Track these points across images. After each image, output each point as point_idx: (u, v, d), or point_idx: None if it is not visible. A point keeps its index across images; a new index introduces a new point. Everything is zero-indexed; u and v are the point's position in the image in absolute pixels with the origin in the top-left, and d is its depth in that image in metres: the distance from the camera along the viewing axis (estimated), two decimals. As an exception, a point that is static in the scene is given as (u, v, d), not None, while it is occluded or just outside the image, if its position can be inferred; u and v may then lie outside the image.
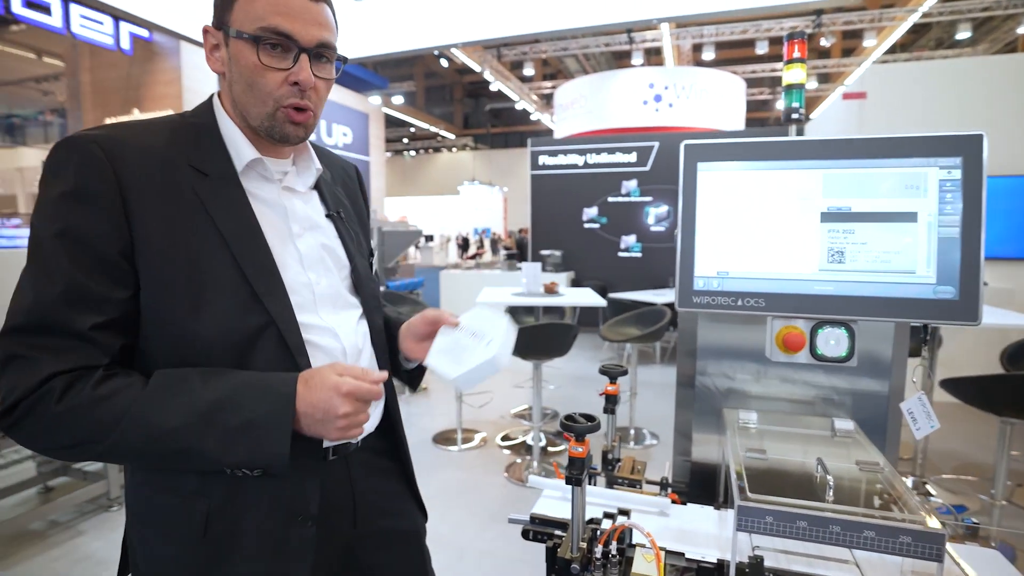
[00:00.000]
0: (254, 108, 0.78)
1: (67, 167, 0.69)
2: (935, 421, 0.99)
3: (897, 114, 4.29)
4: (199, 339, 0.72)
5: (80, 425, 0.66)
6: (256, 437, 0.69)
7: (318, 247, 0.87)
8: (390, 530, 0.98)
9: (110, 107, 9.05)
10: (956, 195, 0.93)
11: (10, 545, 2.41)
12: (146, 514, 0.79)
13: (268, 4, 0.74)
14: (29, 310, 0.67)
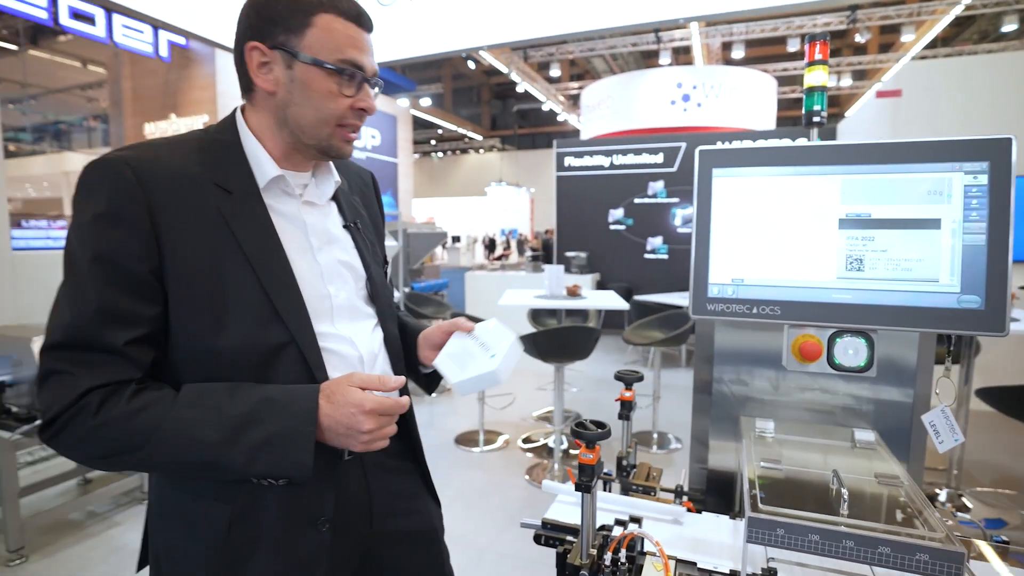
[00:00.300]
0: (313, 128, 0.83)
1: (100, 189, 0.73)
2: (959, 435, 0.96)
3: (934, 112, 4.15)
4: (222, 354, 0.75)
5: (115, 437, 0.70)
6: (280, 450, 0.72)
7: (336, 260, 0.90)
8: (407, 530, 0.99)
9: (149, 112, 9.36)
10: (983, 201, 0.89)
11: (51, 533, 2.52)
12: (170, 514, 0.82)
13: (346, 38, 0.80)
14: (67, 327, 0.70)
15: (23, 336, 2.32)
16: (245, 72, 0.83)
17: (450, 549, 1.12)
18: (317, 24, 0.79)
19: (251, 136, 0.84)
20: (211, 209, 0.77)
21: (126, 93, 9.72)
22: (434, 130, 21.87)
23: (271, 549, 0.80)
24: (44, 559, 2.33)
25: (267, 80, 0.81)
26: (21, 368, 2.34)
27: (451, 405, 4.55)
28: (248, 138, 0.84)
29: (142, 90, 9.51)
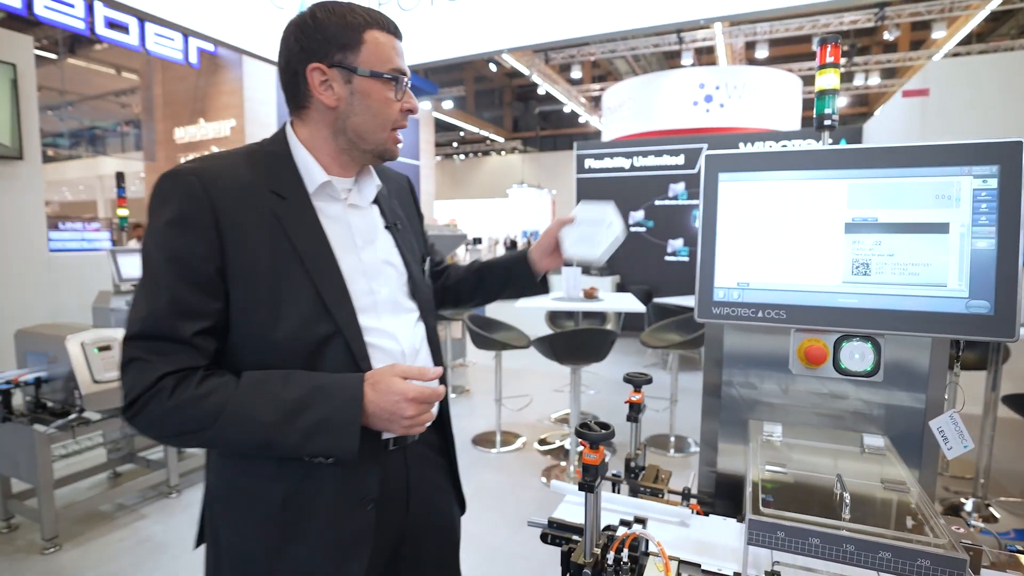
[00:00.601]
0: (373, 134, 0.91)
1: (172, 198, 0.81)
2: (969, 441, 0.95)
3: (962, 112, 4.05)
4: (277, 343, 0.83)
5: (186, 418, 0.78)
6: (329, 433, 0.79)
7: (379, 258, 0.97)
8: (434, 523, 1.06)
9: (179, 117, 9.62)
10: (992, 205, 0.89)
11: (83, 524, 2.62)
12: (228, 493, 0.90)
13: (392, 50, 0.90)
14: (144, 320, 0.79)
15: (58, 335, 2.42)
16: (299, 91, 0.90)
17: (466, 549, 1.18)
18: (368, 40, 0.87)
19: (301, 147, 0.92)
20: (267, 213, 0.85)
21: (157, 99, 10.01)
22: (456, 132, 22.00)
23: (322, 526, 0.86)
24: (76, 548, 2.43)
25: (329, 96, 0.88)
26: (56, 365, 2.44)
27: (469, 406, 4.58)
28: (298, 149, 0.92)
29: (172, 95, 9.78)
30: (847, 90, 15.76)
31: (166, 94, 9.88)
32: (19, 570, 2.27)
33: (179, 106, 9.68)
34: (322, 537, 0.87)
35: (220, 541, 0.91)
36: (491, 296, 1.29)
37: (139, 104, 11.54)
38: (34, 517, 2.44)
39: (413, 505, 1.00)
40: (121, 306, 3.06)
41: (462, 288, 1.26)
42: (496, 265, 1.23)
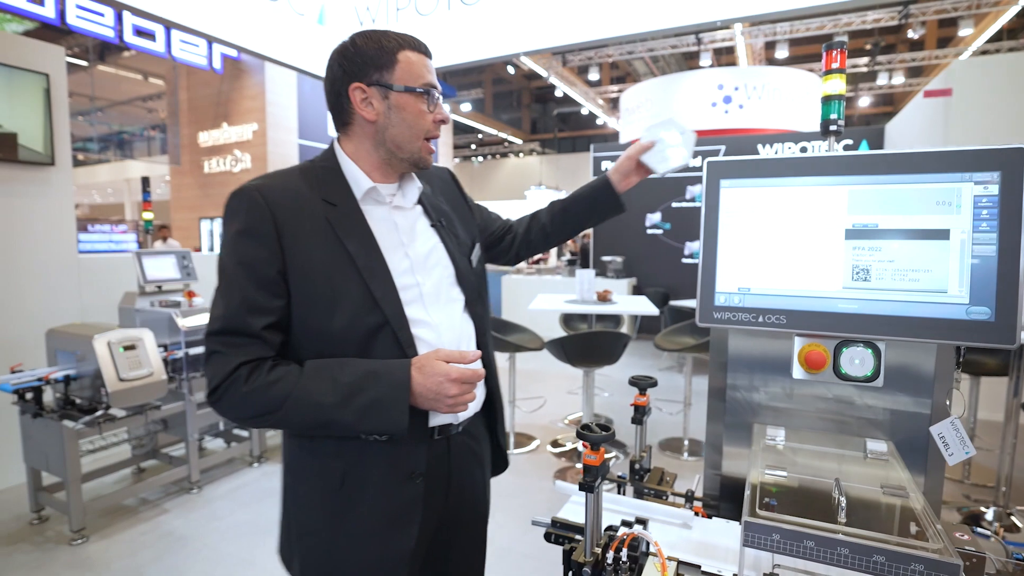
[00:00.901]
0: (408, 143, 1.01)
1: (240, 212, 0.94)
2: (970, 447, 0.95)
3: (986, 112, 3.96)
4: (332, 335, 0.94)
5: (258, 402, 0.90)
6: (381, 412, 0.91)
7: (423, 253, 1.06)
8: (471, 515, 1.18)
9: (203, 122, 9.85)
10: (993, 211, 0.89)
11: (108, 517, 2.71)
12: (297, 469, 1.03)
13: (423, 66, 1.01)
14: (221, 318, 0.92)
15: (86, 334, 2.51)
16: (344, 109, 1.01)
17: None
18: (401, 60, 0.98)
19: (348, 159, 1.03)
20: (321, 219, 0.96)
21: (182, 104, 10.25)
22: (474, 134, 22.10)
23: (376, 497, 0.98)
24: (102, 540, 2.51)
25: (369, 111, 0.99)
26: (84, 363, 2.53)
27: (484, 407, 4.62)
28: (345, 161, 1.03)
29: (197, 100, 10.01)
30: (870, 89, 15.47)
31: (191, 99, 10.11)
32: (49, 560, 2.36)
33: (203, 111, 9.91)
34: (376, 508, 0.98)
35: (291, 512, 1.04)
36: (577, 229, 1.35)
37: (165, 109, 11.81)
38: (63, 509, 2.54)
39: (452, 492, 1.10)
40: (146, 307, 3.15)
41: (548, 230, 1.33)
42: (579, 198, 1.30)
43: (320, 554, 1.00)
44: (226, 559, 2.37)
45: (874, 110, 17.37)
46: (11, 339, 3.03)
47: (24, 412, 2.54)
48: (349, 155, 1.03)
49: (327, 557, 1.00)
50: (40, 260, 3.17)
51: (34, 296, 3.14)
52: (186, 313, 3.04)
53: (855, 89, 15.48)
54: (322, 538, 1.00)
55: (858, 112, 17.57)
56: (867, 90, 15.56)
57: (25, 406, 2.52)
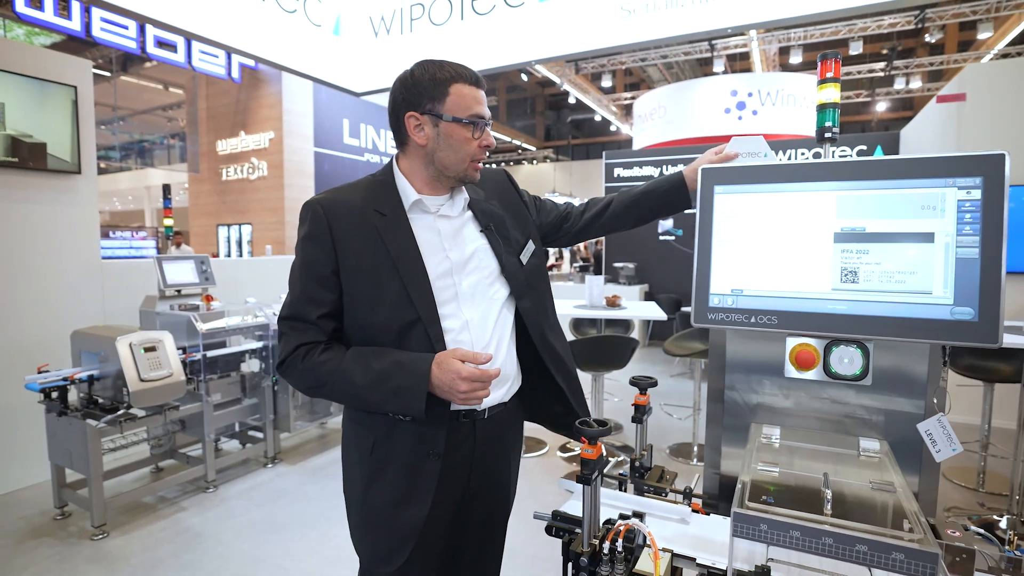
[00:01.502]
0: (456, 166, 1.15)
1: (305, 220, 1.14)
2: (957, 444, 0.97)
3: (1000, 117, 3.93)
4: (373, 327, 1.12)
5: (310, 377, 1.10)
6: (403, 396, 1.05)
7: (465, 256, 1.18)
8: (490, 499, 1.28)
9: (221, 130, 10.06)
10: (976, 215, 0.92)
11: (128, 514, 2.79)
12: (347, 437, 1.23)
13: (473, 99, 1.12)
14: (289, 307, 1.13)
15: (109, 335, 2.60)
16: (401, 132, 1.15)
17: None
18: (452, 92, 1.10)
19: (401, 176, 1.18)
20: (371, 228, 1.12)
21: (201, 112, 10.48)
22: (488, 142, 22.20)
23: (398, 469, 1.13)
24: (122, 536, 2.59)
25: (421, 137, 1.13)
26: (107, 364, 2.62)
27: (494, 411, 4.66)
28: (399, 177, 1.18)
29: (215, 109, 10.22)
30: (887, 94, 15.33)
31: (210, 108, 10.34)
32: (72, 553, 2.44)
33: (221, 119, 10.13)
34: (397, 479, 1.13)
35: (345, 476, 1.23)
36: (642, 221, 1.43)
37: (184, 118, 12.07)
38: (85, 506, 2.62)
39: (475, 473, 1.21)
40: (165, 310, 3.25)
41: (616, 220, 1.41)
42: (652, 192, 1.36)
43: (354, 512, 1.20)
44: (240, 555, 2.44)
45: (893, 115, 17.20)
46: (38, 340, 3.14)
47: (49, 411, 2.64)
48: (403, 171, 1.18)
49: (357, 516, 1.19)
50: (66, 264, 3.29)
51: (59, 299, 3.25)
52: (204, 316, 3.12)
53: (872, 94, 15.34)
54: (356, 498, 1.19)
55: (876, 117, 17.40)
56: (884, 95, 15.42)
57: (51, 405, 2.61)
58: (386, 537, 1.15)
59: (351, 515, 1.22)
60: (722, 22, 4.72)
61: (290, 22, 5.51)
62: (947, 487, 3.17)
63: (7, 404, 3.05)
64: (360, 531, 1.20)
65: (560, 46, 5.50)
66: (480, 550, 1.33)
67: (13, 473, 3.08)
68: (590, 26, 5.17)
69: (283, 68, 4.82)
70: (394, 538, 1.14)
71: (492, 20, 5.66)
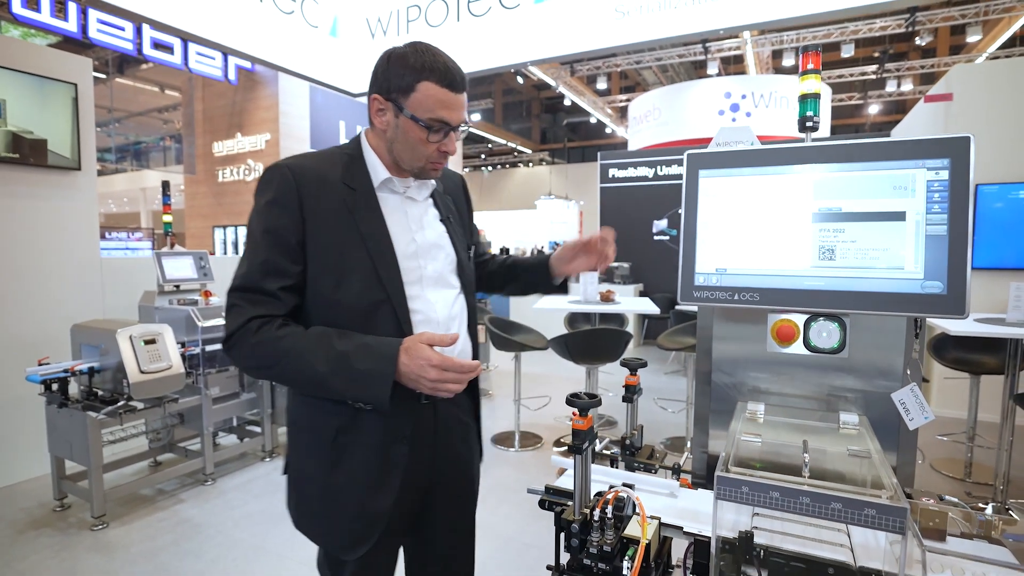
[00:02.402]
0: (410, 161, 1.09)
1: (271, 183, 1.04)
2: (929, 413, 1.02)
3: (986, 116, 4.01)
4: (340, 305, 1.04)
5: (262, 354, 0.99)
6: (367, 384, 0.97)
7: (429, 241, 1.16)
8: (457, 480, 1.24)
9: (217, 132, 10.08)
10: (944, 195, 0.97)
11: (126, 505, 2.82)
12: (298, 423, 1.14)
13: (436, 101, 1.04)
14: (244, 276, 1.02)
15: (109, 329, 2.63)
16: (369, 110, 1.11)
17: (480, 537, 1.37)
18: (419, 89, 1.03)
19: (371, 151, 1.13)
20: (340, 201, 1.06)
21: (198, 114, 10.49)
22: (484, 144, 22.31)
23: (363, 456, 1.07)
24: (122, 527, 2.62)
25: (381, 121, 1.09)
26: (107, 356, 2.65)
27: (490, 408, 4.70)
28: (368, 152, 1.13)
29: (212, 111, 10.24)
30: (879, 97, 15.48)
31: (206, 110, 10.35)
32: (72, 543, 2.47)
33: (218, 121, 10.14)
34: (363, 466, 1.07)
35: (291, 463, 1.15)
36: (520, 291, 1.47)
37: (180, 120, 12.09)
38: (84, 497, 2.65)
39: (440, 455, 1.17)
40: (165, 305, 3.28)
41: (496, 278, 1.45)
42: (524, 266, 1.42)
43: (312, 500, 1.11)
44: (239, 544, 2.47)
45: (885, 118, 17.35)
46: (38, 334, 3.17)
47: (50, 402, 2.66)
48: (372, 147, 1.13)
49: (318, 503, 1.10)
50: (66, 260, 3.32)
51: (60, 294, 3.28)
52: (203, 311, 3.16)
53: (864, 96, 15.49)
54: (315, 485, 1.10)
55: (869, 120, 17.55)
56: (876, 97, 15.57)
57: (51, 396, 2.64)
58: (352, 523, 1.08)
59: (305, 502, 1.12)
60: (715, 23, 4.79)
61: (287, 23, 5.55)
62: (935, 478, 3.23)
63: (7, 398, 3.07)
64: (320, 518, 1.11)
65: (556, 47, 5.57)
66: (450, 535, 1.27)
67: (12, 466, 3.10)
68: (585, 27, 5.23)
69: (280, 69, 4.86)
70: (362, 524, 1.08)
71: (488, 21, 5.72)
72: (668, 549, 1.20)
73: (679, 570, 1.15)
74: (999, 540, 1.12)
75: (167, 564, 2.32)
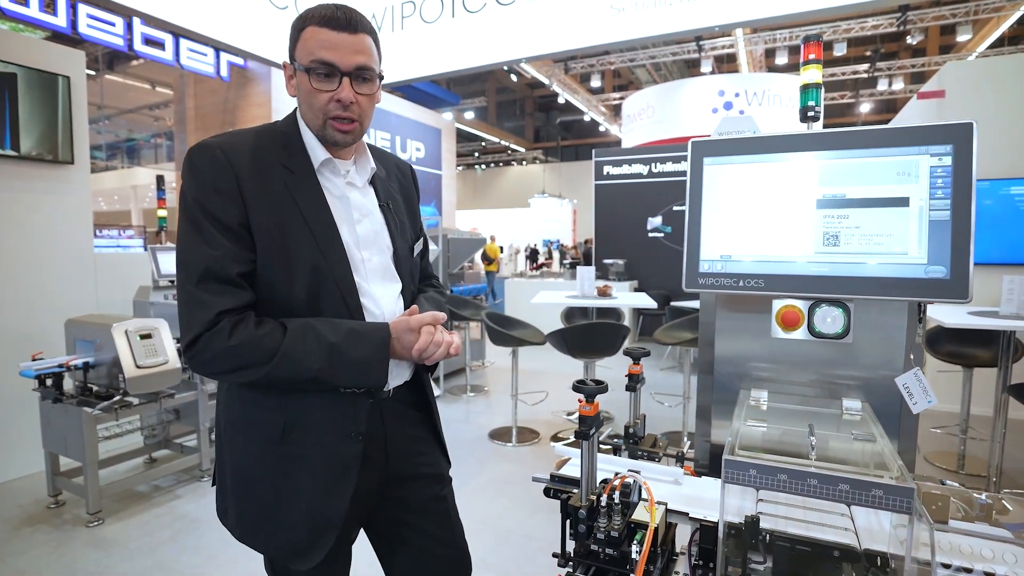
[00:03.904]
0: (312, 121, 1.01)
1: (201, 166, 0.94)
2: (932, 396, 1.03)
3: (977, 113, 4.06)
4: (283, 294, 0.96)
5: (246, 356, 0.90)
6: (366, 369, 0.96)
7: (371, 231, 1.08)
8: (417, 469, 1.16)
9: (210, 129, 10.01)
10: (947, 180, 0.98)
11: (122, 502, 2.80)
12: (236, 422, 1.02)
13: (316, 42, 0.95)
14: (195, 265, 0.91)
15: (104, 323, 2.61)
16: None
17: (480, 531, 1.27)
18: (303, 37, 0.97)
19: (307, 128, 1.03)
20: (279, 183, 0.98)
21: (189, 112, 10.41)
22: (478, 142, 22.29)
23: (315, 454, 0.99)
24: (118, 523, 2.60)
25: (291, 88, 1.02)
26: (103, 351, 2.62)
27: (487, 404, 4.70)
28: (304, 130, 1.04)
29: (204, 108, 10.17)
30: (871, 95, 15.60)
31: (198, 107, 10.27)
32: (68, 539, 2.45)
33: (210, 118, 10.07)
34: (316, 464, 0.99)
35: (227, 467, 1.04)
36: None
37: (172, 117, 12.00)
38: (80, 493, 2.62)
39: (391, 451, 1.11)
40: (160, 300, 3.26)
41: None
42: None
43: (257, 507, 1.00)
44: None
45: (877, 116, 17.50)
46: (32, 329, 3.13)
47: (44, 398, 2.64)
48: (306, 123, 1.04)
49: (263, 511, 1.00)
50: (59, 254, 3.29)
51: (53, 288, 3.25)
52: (199, 306, 3.14)
53: (856, 95, 15.60)
54: (259, 491, 1.00)
55: (861, 119, 17.69)
56: (867, 96, 15.69)
57: (46, 392, 2.62)
58: (303, 528, 0.98)
59: (249, 510, 1.01)
60: (709, 20, 4.81)
61: (281, 18, 5.52)
62: (929, 470, 3.26)
63: (0, 393, 3.04)
64: (268, 526, 1.00)
65: (551, 44, 5.58)
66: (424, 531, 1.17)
67: (6, 463, 3.07)
68: (580, 24, 5.24)
69: (273, 64, 4.83)
70: (315, 529, 0.99)
71: (483, 18, 5.72)
72: (673, 536, 1.20)
73: (684, 556, 1.16)
74: (999, 524, 1.14)
75: (165, 559, 2.30)
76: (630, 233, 7.75)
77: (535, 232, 19.62)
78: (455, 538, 1.21)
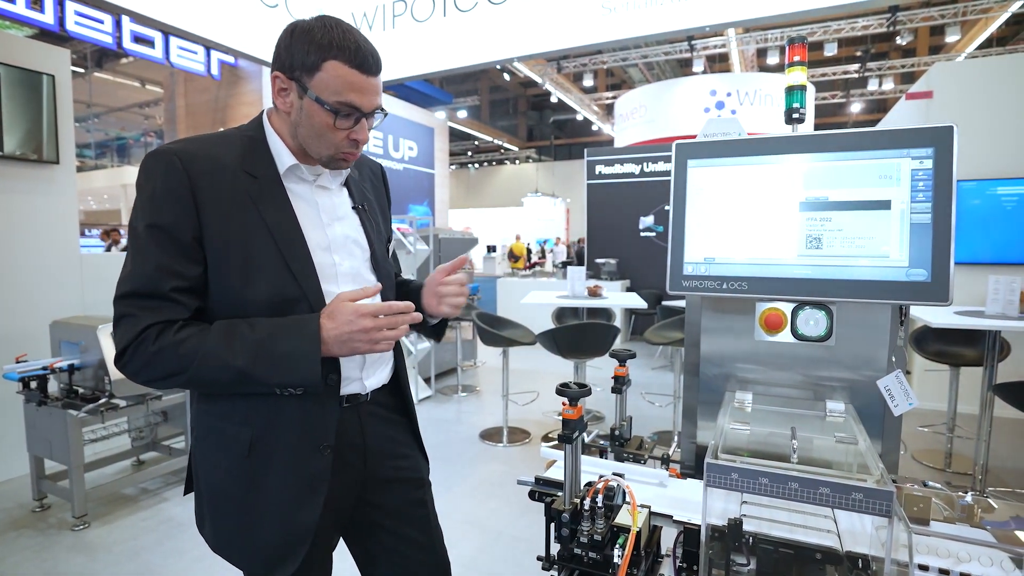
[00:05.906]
0: (317, 149, 0.98)
1: (155, 174, 0.91)
2: (913, 399, 1.04)
3: (965, 113, 4.08)
4: (250, 305, 0.93)
5: (168, 361, 0.88)
6: (294, 364, 0.90)
7: (343, 234, 1.06)
8: (397, 473, 1.15)
9: (200, 128, 9.94)
10: (928, 183, 0.98)
11: (109, 505, 2.77)
12: (206, 436, 1.01)
13: (344, 83, 0.92)
14: (132, 280, 0.90)
15: (90, 325, 2.58)
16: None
17: (469, 531, 1.25)
18: (325, 69, 0.92)
19: (274, 134, 1.01)
20: (241, 192, 0.94)
21: (180, 110, 10.34)
22: (471, 141, 22.25)
23: (284, 467, 0.97)
24: (103, 526, 2.57)
25: (284, 103, 0.98)
26: (88, 353, 2.60)
27: (478, 404, 4.69)
28: (272, 135, 1.01)
29: (194, 107, 10.10)
30: (861, 95, 15.70)
31: (188, 106, 10.20)
32: (52, 544, 2.42)
33: (201, 117, 10.00)
34: (285, 477, 0.97)
35: (201, 481, 1.03)
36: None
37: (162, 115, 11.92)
38: (65, 496, 2.60)
39: (371, 458, 1.10)
40: (147, 301, 3.23)
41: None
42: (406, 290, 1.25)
43: (230, 520, 1.00)
44: (225, 543, 2.44)
45: (867, 117, 17.61)
46: (16, 331, 3.09)
47: (29, 400, 2.61)
48: (276, 130, 1.01)
49: (236, 524, 1.00)
50: (44, 255, 3.25)
51: (38, 290, 3.21)
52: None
53: (847, 95, 15.70)
54: (231, 505, 1.00)
55: (852, 119, 17.80)
56: (858, 96, 15.79)
57: (30, 394, 2.59)
58: (275, 541, 0.98)
59: (222, 522, 1.01)
60: (700, 20, 4.82)
61: (271, 16, 5.49)
62: (916, 468, 3.29)
63: (-17, 397, 3.01)
64: (239, 538, 1.00)
65: (543, 43, 5.57)
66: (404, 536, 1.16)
67: (-10, 467, 3.04)
68: (572, 24, 5.24)
69: (264, 63, 4.80)
70: (286, 540, 0.98)
71: (474, 17, 5.70)
72: (658, 539, 1.20)
73: (668, 559, 1.16)
74: (979, 526, 1.14)
75: (150, 563, 2.29)
76: (622, 232, 7.77)
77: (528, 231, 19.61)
78: (434, 543, 1.20)
